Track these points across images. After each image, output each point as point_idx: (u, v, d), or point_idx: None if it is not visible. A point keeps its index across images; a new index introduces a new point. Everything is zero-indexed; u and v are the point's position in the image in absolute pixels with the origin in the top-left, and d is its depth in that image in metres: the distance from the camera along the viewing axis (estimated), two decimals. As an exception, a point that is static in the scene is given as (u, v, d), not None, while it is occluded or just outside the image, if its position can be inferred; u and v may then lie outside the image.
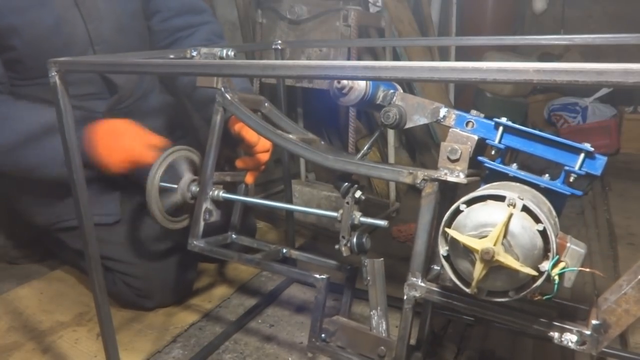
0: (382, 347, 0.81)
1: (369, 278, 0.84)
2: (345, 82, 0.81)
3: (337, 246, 0.89)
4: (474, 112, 0.75)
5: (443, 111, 0.76)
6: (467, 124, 0.74)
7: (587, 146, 0.67)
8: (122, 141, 1.09)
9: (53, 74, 0.73)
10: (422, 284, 0.75)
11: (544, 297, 0.66)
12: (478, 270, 0.61)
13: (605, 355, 1.07)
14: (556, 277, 0.61)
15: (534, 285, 0.61)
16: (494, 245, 0.59)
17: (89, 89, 1.24)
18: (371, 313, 0.84)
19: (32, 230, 1.40)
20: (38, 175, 1.13)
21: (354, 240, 0.88)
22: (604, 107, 2.76)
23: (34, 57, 1.12)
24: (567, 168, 0.68)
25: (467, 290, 0.65)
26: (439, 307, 0.88)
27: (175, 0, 1.38)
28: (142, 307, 1.29)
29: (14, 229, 1.53)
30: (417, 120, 0.80)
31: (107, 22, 1.23)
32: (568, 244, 0.65)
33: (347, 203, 0.88)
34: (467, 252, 0.62)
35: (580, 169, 0.68)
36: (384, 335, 0.83)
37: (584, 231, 1.75)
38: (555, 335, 0.67)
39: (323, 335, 0.87)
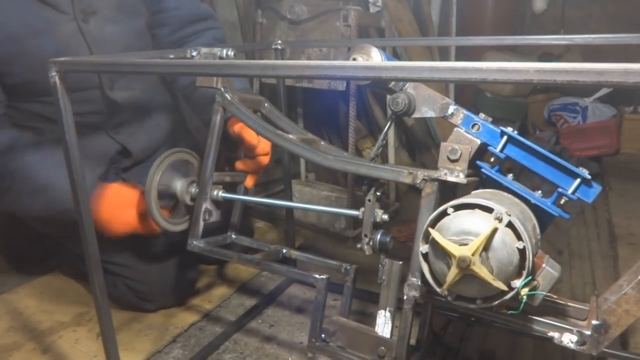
0: (382, 348, 0.81)
1: (384, 278, 0.83)
2: (360, 58, 0.80)
3: (358, 245, 0.88)
4: (482, 115, 0.75)
5: (452, 108, 0.76)
6: (473, 126, 0.74)
7: (585, 172, 0.68)
8: (124, 213, 1.10)
9: (53, 74, 0.73)
10: (422, 284, 0.75)
11: (509, 312, 0.67)
12: (452, 275, 0.62)
13: (605, 356, 1.07)
14: (524, 297, 0.62)
15: (502, 299, 0.62)
16: (472, 254, 0.60)
17: (89, 108, 1.20)
18: (378, 312, 0.84)
19: (32, 231, 1.40)
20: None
21: (378, 238, 0.86)
22: (604, 107, 2.75)
23: (34, 81, 1.09)
24: (560, 190, 0.69)
25: (438, 290, 0.66)
26: (438, 307, 0.88)
27: (185, 10, 1.35)
28: (143, 309, 1.29)
29: (14, 229, 1.52)
30: (425, 112, 0.79)
31: (113, 46, 1.19)
32: (544, 265, 0.66)
33: (369, 201, 0.87)
34: (445, 255, 0.63)
35: (573, 193, 0.68)
36: (388, 336, 0.82)
37: (583, 231, 1.75)
38: (556, 335, 0.67)
39: (323, 335, 0.87)
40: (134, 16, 1.25)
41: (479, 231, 0.61)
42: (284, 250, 1.09)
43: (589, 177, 0.68)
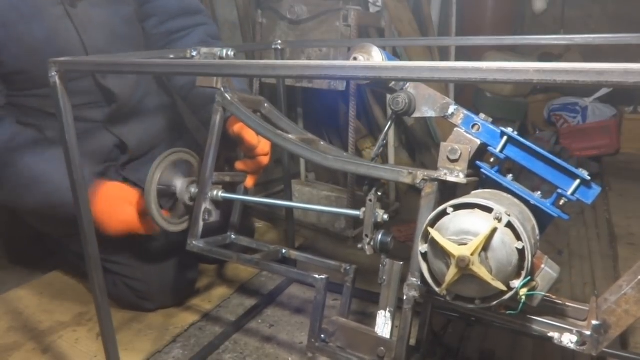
0: (382, 348, 0.81)
1: (384, 278, 0.83)
2: (360, 57, 0.80)
3: (359, 245, 0.88)
4: (482, 115, 0.75)
5: (452, 108, 0.76)
6: (473, 127, 0.74)
7: (584, 174, 0.68)
8: (119, 211, 1.09)
9: (53, 74, 0.73)
10: (422, 285, 0.75)
11: (508, 312, 0.67)
12: (451, 275, 0.62)
13: (605, 356, 1.07)
14: (523, 297, 0.62)
15: (501, 299, 0.63)
16: (472, 254, 0.60)
17: (85, 99, 1.21)
18: (378, 313, 0.83)
19: (32, 230, 1.40)
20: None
21: (379, 238, 0.86)
22: (604, 107, 2.75)
23: (26, 70, 1.09)
24: (560, 191, 0.69)
25: (437, 290, 0.66)
26: (438, 307, 0.88)
27: (172, 3, 1.36)
28: (143, 308, 1.29)
29: (14, 228, 1.53)
30: (425, 111, 0.79)
31: (101, 31, 1.20)
32: (543, 265, 0.66)
33: (370, 201, 0.86)
34: (444, 255, 0.63)
35: (572, 194, 0.68)
36: (387, 336, 0.82)
37: (583, 231, 1.75)
38: (555, 335, 0.67)
39: (322, 335, 0.87)
40: (120, 3, 1.26)
41: (478, 231, 0.61)
42: (284, 251, 1.09)
43: (589, 178, 0.68)
